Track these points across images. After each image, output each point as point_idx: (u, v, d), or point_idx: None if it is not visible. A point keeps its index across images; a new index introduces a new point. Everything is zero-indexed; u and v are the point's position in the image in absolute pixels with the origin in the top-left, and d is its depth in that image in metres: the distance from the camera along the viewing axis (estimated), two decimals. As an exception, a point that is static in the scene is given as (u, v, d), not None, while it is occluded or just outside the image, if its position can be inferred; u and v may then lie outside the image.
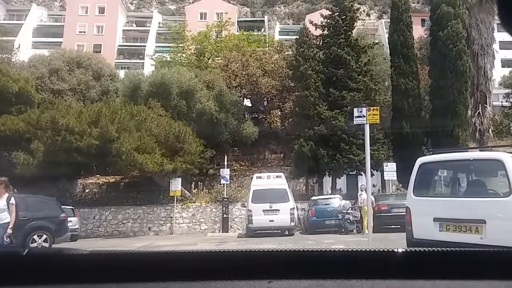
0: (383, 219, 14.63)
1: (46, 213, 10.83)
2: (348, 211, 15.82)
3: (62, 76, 29.13)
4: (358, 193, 16.63)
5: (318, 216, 16.69)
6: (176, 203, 20.49)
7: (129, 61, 50.99)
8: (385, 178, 20.04)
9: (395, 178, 19.84)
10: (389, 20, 26.97)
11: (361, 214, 15.57)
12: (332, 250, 1.04)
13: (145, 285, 0.99)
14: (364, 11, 58.73)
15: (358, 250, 1.02)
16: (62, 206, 16.98)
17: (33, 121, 19.76)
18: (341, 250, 1.03)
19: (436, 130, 21.79)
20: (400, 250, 1.00)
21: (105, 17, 53.64)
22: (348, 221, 15.69)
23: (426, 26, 40.69)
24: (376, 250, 1.01)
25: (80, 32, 52.24)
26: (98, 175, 24.87)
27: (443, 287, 0.93)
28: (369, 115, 7.77)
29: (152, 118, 20.94)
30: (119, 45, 54.18)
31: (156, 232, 20.58)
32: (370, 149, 21.54)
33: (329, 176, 22.48)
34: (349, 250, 1.02)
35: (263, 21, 57.49)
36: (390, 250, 1.01)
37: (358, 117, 7.97)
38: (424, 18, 47.41)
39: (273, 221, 15.51)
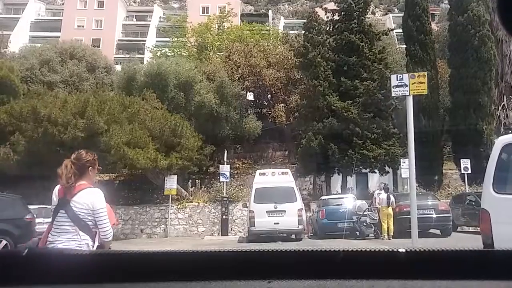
0: (406, 222, 12.70)
1: (8, 214, 9.00)
2: (364, 213, 13.90)
3: (53, 68, 27.50)
4: (376, 192, 14.69)
5: (329, 218, 14.79)
6: (172, 203, 18.68)
7: (128, 56, 49.35)
8: (403, 175, 18.15)
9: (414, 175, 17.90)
10: (396, 14, 25.19)
11: (379, 217, 13.66)
12: (332, 250, 1.01)
13: (145, 285, 0.98)
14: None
15: (358, 250, 1.00)
16: (43, 206, 15.22)
17: (16, 112, 18.23)
18: (341, 250, 1.00)
19: (457, 123, 19.92)
20: (400, 250, 0.98)
21: (104, 11, 52.28)
22: (365, 224, 13.76)
23: (436, 20, 39.09)
24: (376, 250, 1.00)
25: (78, 26, 50.89)
26: (92, 173, 23.08)
27: (443, 287, 0.93)
28: (412, 84, 5.70)
29: (146, 110, 19.30)
30: (119, 40, 52.75)
31: (149, 234, 18.76)
32: (385, 144, 19.87)
33: (339, 174, 20.64)
34: (349, 250, 1.00)
35: (267, 15, 55.76)
36: (390, 250, 0.99)
37: (397, 86, 5.83)
38: (434, 12, 46.03)
39: (278, 223, 13.61)
